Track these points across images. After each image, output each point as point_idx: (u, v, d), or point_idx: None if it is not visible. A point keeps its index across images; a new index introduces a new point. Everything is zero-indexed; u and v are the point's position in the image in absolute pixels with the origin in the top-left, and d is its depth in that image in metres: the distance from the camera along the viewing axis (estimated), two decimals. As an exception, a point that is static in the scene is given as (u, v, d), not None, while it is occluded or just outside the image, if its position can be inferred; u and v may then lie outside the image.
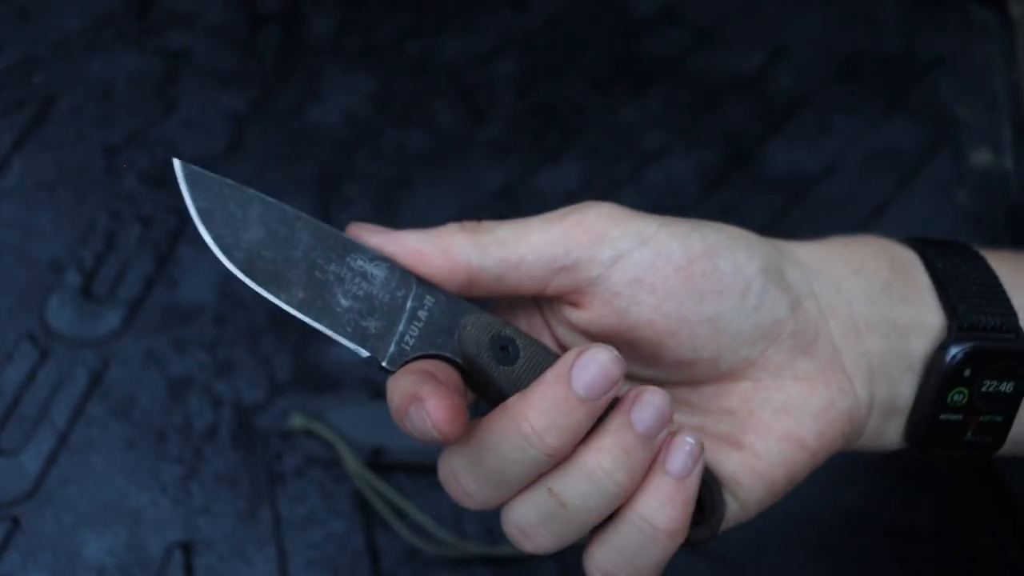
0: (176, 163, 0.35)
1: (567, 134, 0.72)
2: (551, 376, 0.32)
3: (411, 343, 0.34)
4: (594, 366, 0.32)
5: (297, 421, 0.60)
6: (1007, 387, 0.38)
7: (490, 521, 0.59)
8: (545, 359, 0.34)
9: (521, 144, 0.71)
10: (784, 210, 0.71)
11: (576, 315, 0.37)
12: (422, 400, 0.32)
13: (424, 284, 0.35)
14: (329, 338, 0.60)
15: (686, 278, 0.35)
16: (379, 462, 0.59)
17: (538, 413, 0.32)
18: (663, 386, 0.36)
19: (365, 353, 0.35)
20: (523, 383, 0.33)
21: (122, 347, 0.62)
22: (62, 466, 0.58)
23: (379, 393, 0.61)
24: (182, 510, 0.58)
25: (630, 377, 0.38)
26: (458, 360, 0.34)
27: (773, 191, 0.71)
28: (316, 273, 0.34)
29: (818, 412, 0.36)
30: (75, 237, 0.66)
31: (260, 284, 0.35)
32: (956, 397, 0.37)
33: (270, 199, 0.35)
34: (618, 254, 0.35)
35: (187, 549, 0.57)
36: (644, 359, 0.37)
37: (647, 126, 0.73)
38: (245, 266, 0.35)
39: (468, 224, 0.36)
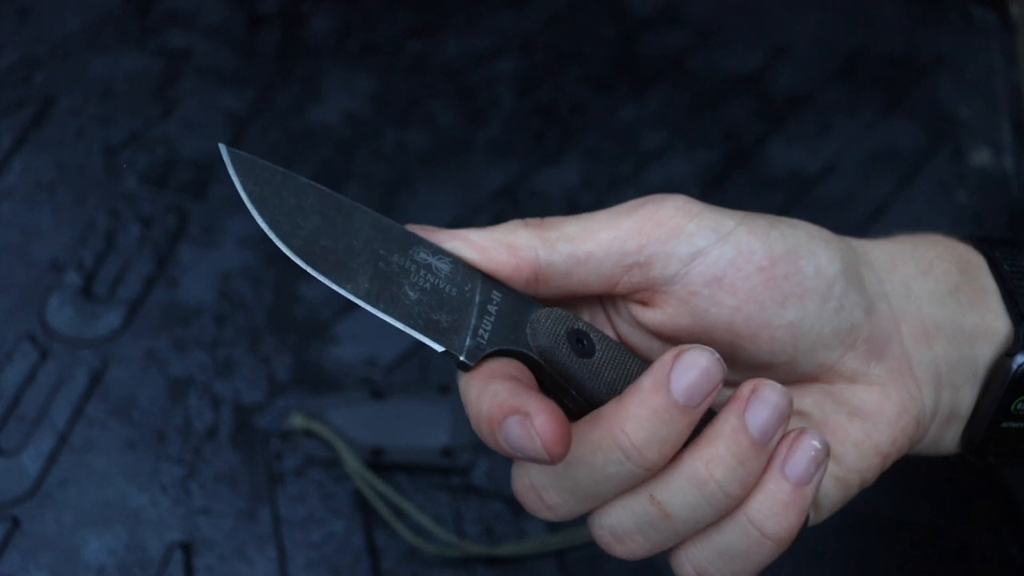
0: (222, 148, 0.34)
1: (567, 134, 0.72)
2: (648, 383, 0.30)
3: (486, 337, 0.33)
4: (694, 371, 0.29)
5: (297, 421, 0.60)
6: None
7: (490, 521, 0.59)
8: (621, 353, 0.33)
9: (521, 144, 0.71)
10: (784, 210, 0.71)
11: (647, 314, 0.35)
12: (529, 415, 0.29)
13: (489, 279, 0.33)
14: (329, 338, 0.61)
15: (768, 279, 0.33)
16: (379, 462, 0.59)
17: (636, 425, 0.29)
18: (733, 386, 0.34)
19: (441, 348, 0.32)
20: (602, 376, 0.32)
21: (122, 347, 0.62)
22: (62, 466, 0.58)
23: (379, 393, 0.61)
24: (182, 510, 0.58)
25: None
26: (534, 355, 0.33)
27: (773, 191, 0.71)
28: (380, 264, 0.33)
29: (892, 418, 0.35)
30: (75, 237, 0.66)
31: (323, 273, 0.33)
32: (1020, 406, 0.36)
33: (324, 188, 0.33)
34: (696, 250, 0.33)
35: (187, 549, 0.57)
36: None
37: (647, 126, 0.73)
38: (305, 254, 0.34)
39: (532, 220, 0.34)
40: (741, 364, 0.35)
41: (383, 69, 0.74)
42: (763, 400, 0.30)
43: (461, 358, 0.32)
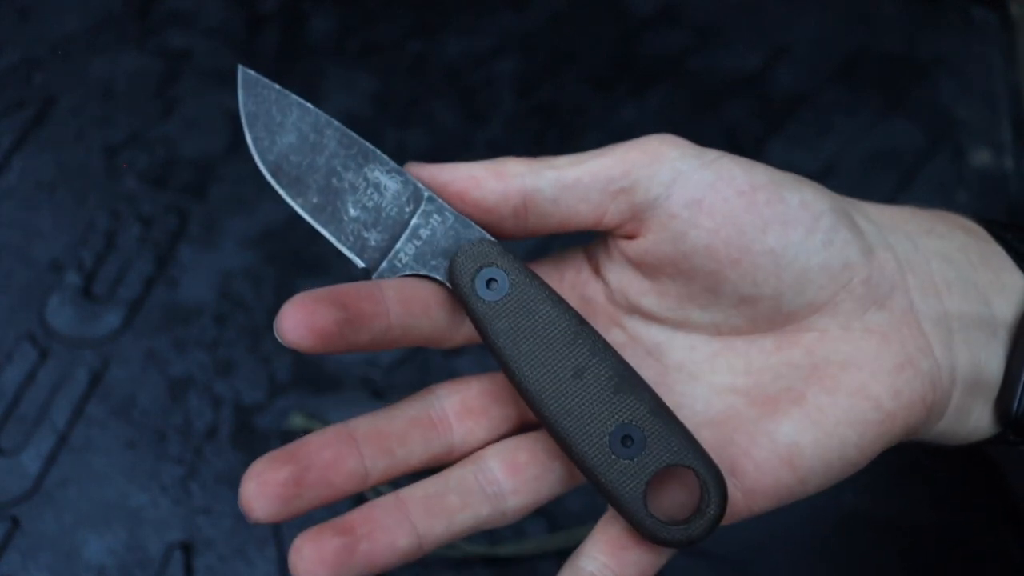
0: (239, 69, 0.38)
1: (567, 134, 0.72)
2: None
3: (404, 261, 0.34)
4: None
5: (297, 421, 0.60)
6: None
7: (490, 521, 0.59)
8: (534, 297, 0.32)
9: (521, 144, 0.71)
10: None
11: (631, 247, 0.34)
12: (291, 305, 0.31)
13: (436, 202, 0.34)
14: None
15: (749, 203, 0.32)
16: (379, 462, 0.59)
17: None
18: (720, 335, 0.34)
19: (361, 264, 0.34)
20: (507, 323, 0.32)
21: (122, 347, 0.62)
22: (62, 466, 0.58)
23: (379, 393, 0.61)
24: (182, 510, 0.58)
25: (687, 324, 0.35)
26: (446, 285, 0.34)
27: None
28: (333, 180, 0.35)
29: (894, 368, 0.33)
30: (75, 237, 0.66)
31: (282, 186, 0.35)
32: None
33: (310, 106, 0.36)
34: (677, 174, 0.33)
35: (187, 549, 0.57)
36: (701, 296, 0.34)
37: (647, 126, 0.73)
38: (272, 168, 0.36)
39: (524, 158, 0.35)
40: (725, 297, 0.34)
41: (383, 69, 0.74)
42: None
43: (373, 276, 0.34)
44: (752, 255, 0.33)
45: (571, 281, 0.37)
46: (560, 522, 0.59)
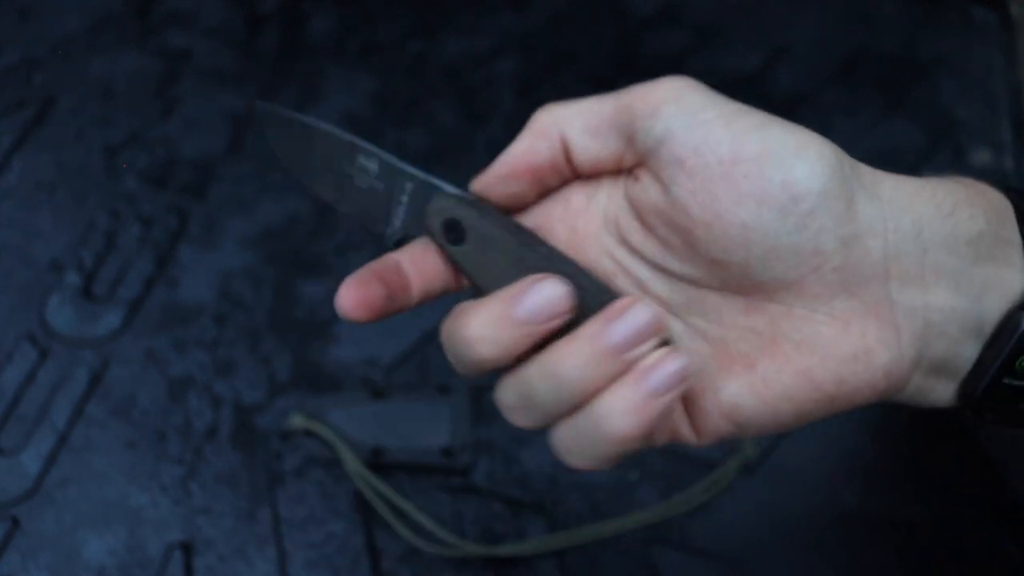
0: (257, 105, 0.41)
1: (567, 134, 0.72)
2: (503, 293, 0.34)
3: (398, 224, 0.38)
4: (540, 297, 0.33)
5: (297, 421, 0.60)
6: None
7: (490, 521, 0.59)
8: (494, 240, 0.36)
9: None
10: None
11: (632, 188, 0.36)
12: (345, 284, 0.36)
13: (404, 173, 0.38)
14: (329, 337, 0.61)
15: (727, 175, 0.33)
16: (379, 462, 0.59)
17: (477, 323, 0.33)
18: (696, 287, 0.36)
19: (386, 236, 0.39)
20: (475, 262, 0.36)
21: (122, 347, 0.62)
22: (62, 466, 0.58)
23: (379, 393, 0.61)
24: (182, 510, 0.58)
25: (667, 271, 0.37)
26: (435, 240, 0.38)
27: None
28: (335, 171, 0.40)
29: (845, 358, 0.34)
30: (75, 237, 0.66)
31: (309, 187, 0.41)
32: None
33: (333, 130, 0.40)
34: (667, 131, 0.34)
35: (187, 549, 0.57)
36: (680, 249, 0.36)
37: (647, 126, 0.73)
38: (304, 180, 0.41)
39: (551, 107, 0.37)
40: (699, 255, 0.35)
41: (383, 69, 0.74)
42: (630, 316, 0.33)
43: (390, 246, 0.38)
44: (723, 223, 0.34)
45: (559, 215, 0.39)
46: (560, 522, 0.59)
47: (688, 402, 0.36)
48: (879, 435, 0.63)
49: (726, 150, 0.33)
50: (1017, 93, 0.75)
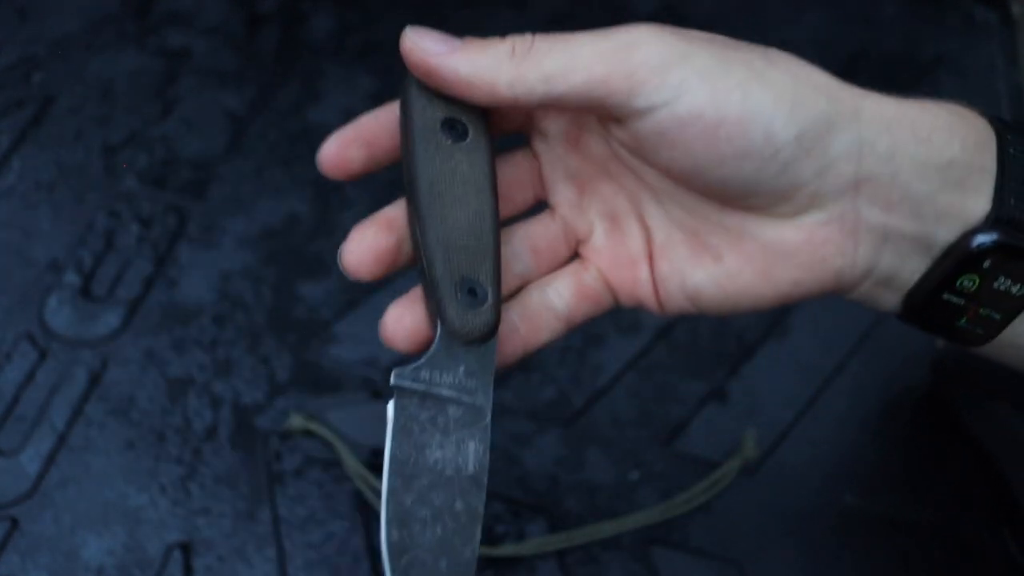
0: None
1: (567, 134, 0.72)
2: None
3: None
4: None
5: (297, 421, 0.60)
6: (1018, 290, 0.36)
7: (490, 521, 0.59)
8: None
9: (521, 143, 0.71)
10: (784, 210, 0.71)
11: (609, 126, 0.38)
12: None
13: None
14: (329, 337, 0.61)
15: (709, 142, 0.34)
16: (379, 462, 0.59)
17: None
18: (678, 186, 0.38)
19: None
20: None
21: (121, 347, 0.62)
22: (61, 466, 0.58)
23: (379, 393, 0.61)
24: (181, 510, 0.58)
25: (653, 168, 0.38)
26: None
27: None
28: None
29: (804, 263, 0.37)
30: (74, 237, 0.66)
31: None
32: (966, 283, 0.36)
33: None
34: (649, 107, 0.35)
35: (186, 549, 0.56)
36: (662, 178, 0.38)
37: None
38: None
39: (518, 48, 0.37)
40: (679, 184, 0.38)
41: (383, 69, 0.74)
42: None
43: None
44: (704, 179, 0.36)
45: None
46: (560, 522, 0.59)
47: (658, 279, 0.39)
48: (880, 435, 0.63)
49: (710, 117, 0.34)
50: (1018, 93, 0.75)
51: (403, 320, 0.37)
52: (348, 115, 0.43)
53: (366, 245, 0.37)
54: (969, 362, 0.63)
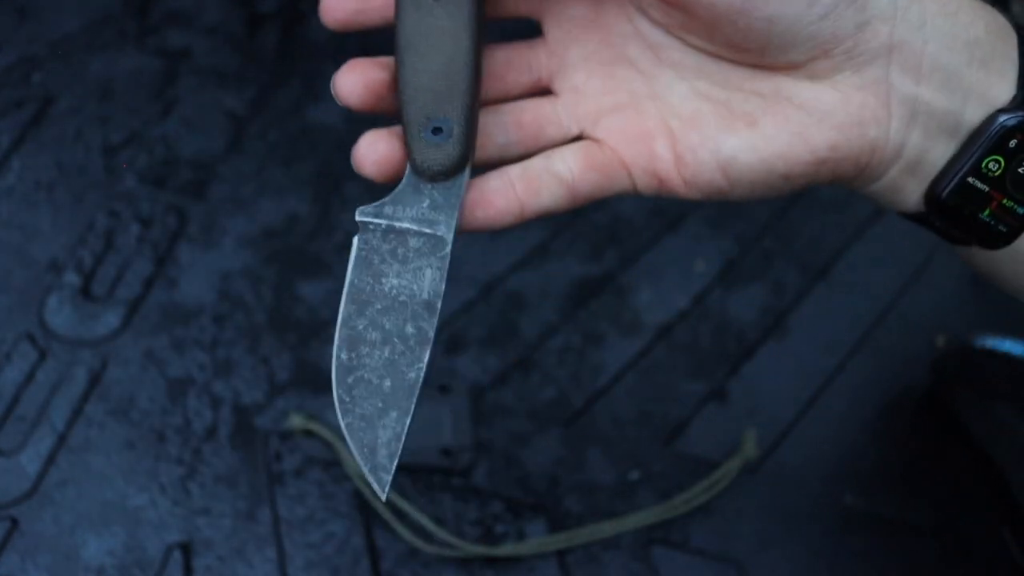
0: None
1: (567, 134, 0.72)
2: None
3: None
4: None
5: (297, 421, 0.60)
6: None
7: (490, 522, 0.59)
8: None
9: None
10: (784, 209, 0.71)
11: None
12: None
13: None
14: (329, 337, 0.61)
15: None
16: (379, 462, 0.59)
17: None
18: (709, 55, 0.37)
19: None
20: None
21: (121, 347, 0.62)
22: (61, 466, 0.58)
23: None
24: (181, 510, 0.57)
25: (683, 41, 0.38)
26: None
27: (773, 191, 0.71)
28: None
29: (842, 124, 0.36)
30: (74, 237, 0.66)
31: None
32: (991, 165, 0.37)
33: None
34: None
35: (186, 549, 0.56)
36: (700, 30, 0.37)
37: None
38: None
39: None
40: (720, 38, 0.37)
41: (383, 69, 0.74)
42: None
43: None
44: (749, 19, 0.35)
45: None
46: (560, 522, 0.59)
47: (685, 151, 0.38)
48: (880, 435, 0.63)
49: None
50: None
51: (376, 146, 0.38)
52: (348, 115, 0.43)
53: (358, 74, 0.38)
54: (969, 363, 0.63)
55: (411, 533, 0.57)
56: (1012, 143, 0.36)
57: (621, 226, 0.70)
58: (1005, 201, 0.37)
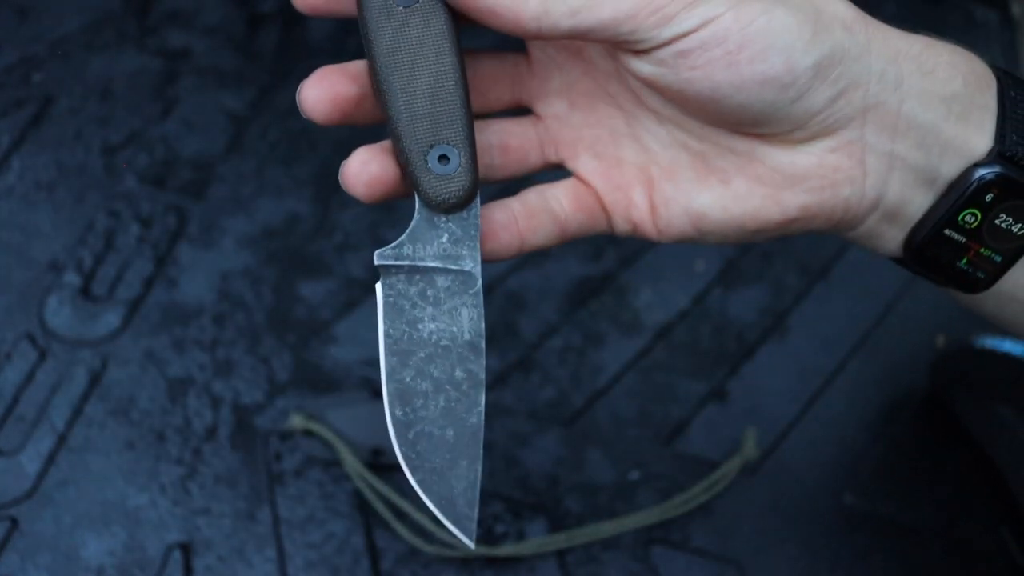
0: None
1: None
2: None
3: None
4: None
5: (297, 421, 0.60)
6: (1019, 229, 0.37)
7: (490, 522, 0.59)
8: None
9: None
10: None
11: (622, 56, 0.37)
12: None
13: None
14: (329, 337, 0.61)
15: (730, 64, 0.35)
16: (379, 462, 0.59)
17: None
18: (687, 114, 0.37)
19: None
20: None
21: (121, 347, 0.62)
22: (61, 466, 0.58)
23: (379, 393, 0.61)
24: (181, 511, 0.57)
25: (661, 95, 0.38)
26: None
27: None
28: None
29: (813, 188, 0.37)
30: (74, 237, 0.66)
31: None
32: (968, 218, 0.37)
33: None
34: (675, 34, 0.35)
35: (186, 550, 0.56)
36: (672, 103, 0.38)
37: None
38: None
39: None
40: (691, 114, 0.37)
41: (383, 69, 0.74)
42: None
43: None
44: (718, 105, 0.36)
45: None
46: (560, 522, 0.59)
47: (659, 202, 0.39)
48: (880, 436, 0.63)
49: (733, 41, 0.34)
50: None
51: (369, 166, 0.36)
52: (348, 115, 0.43)
53: (327, 87, 0.36)
54: (969, 363, 0.63)
55: (411, 533, 0.57)
56: (988, 197, 0.36)
57: (621, 226, 0.70)
58: (982, 250, 0.37)
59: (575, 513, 0.59)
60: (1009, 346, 0.62)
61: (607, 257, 0.68)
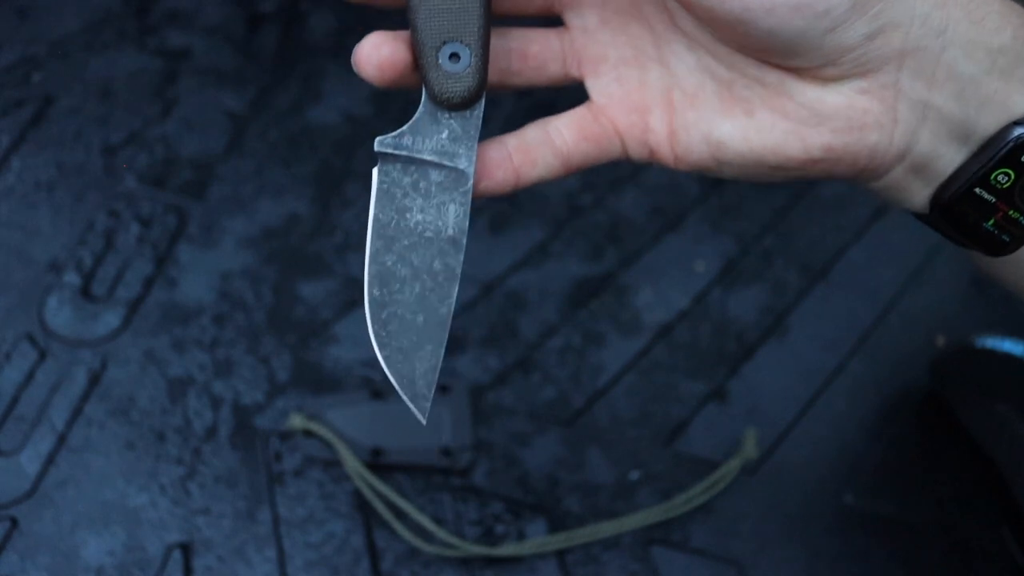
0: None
1: (567, 134, 0.72)
2: None
3: None
4: None
5: (297, 421, 0.60)
6: None
7: (490, 522, 0.59)
8: None
9: None
10: (784, 209, 0.71)
11: None
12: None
13: None
14: (329, 337, 0.61)
15: None
16: (379, 462, 0.59)
17: None
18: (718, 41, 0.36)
19: None
20: None
21: (121, 347, 0.62)
22: (61, 466, 0.58)
23: (379, 393, 0.61)
24: (181, 510, 0.57)
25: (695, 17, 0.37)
26: None
27: (775, 190, 0.71)
28: None
29: (840, 129, 0.35)
30: (74, 237, 0.66)
31: None
32: (1000, 177, 0.35)
33: None
34: None
35: (186, 549, 0.56)
36: (703, 25, 0.37)
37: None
38: None
39: None
40: (722, 38, 0.36)
41: (383, 69, 0.74)
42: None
43: None
44: (747, 28, 0.34)
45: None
46: (560, 522, 0.59)
47: (679, 127, 0.37)
48: (880, 436, 0.63)
49: None
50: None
51: (380, 49, 0.36)
52: (348, 115, 0.43)
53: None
54: (969, 363, 0.63)
55: (411, 533, 0.57)
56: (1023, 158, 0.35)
57: (621, 226, 0.70)
58: (1011, 212, 0.36)
59: (575, 513, 0.59)
60: (1009, 346, 0.62)
61: (607, 257, 0.68)
